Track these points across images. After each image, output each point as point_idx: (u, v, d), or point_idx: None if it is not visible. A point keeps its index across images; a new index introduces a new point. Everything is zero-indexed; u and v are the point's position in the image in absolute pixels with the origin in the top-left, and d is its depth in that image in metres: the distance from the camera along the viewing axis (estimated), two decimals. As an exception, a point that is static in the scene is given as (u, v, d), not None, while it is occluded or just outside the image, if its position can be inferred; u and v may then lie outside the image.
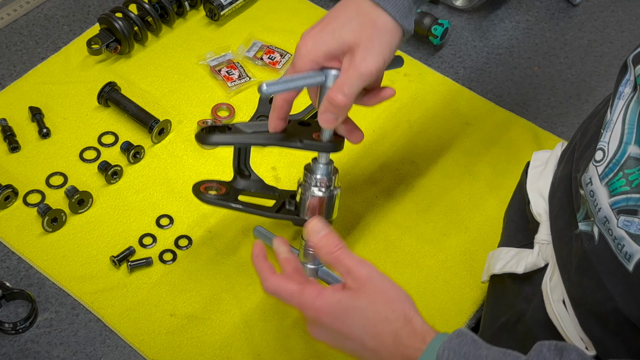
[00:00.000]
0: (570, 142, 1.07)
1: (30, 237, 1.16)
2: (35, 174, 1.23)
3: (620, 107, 0.88)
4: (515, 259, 1.04)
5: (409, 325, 0.84)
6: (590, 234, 0.88)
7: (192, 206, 1.20)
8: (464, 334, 0.81)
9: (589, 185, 0.88)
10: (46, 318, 1.09)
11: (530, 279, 1.02)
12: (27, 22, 1.44)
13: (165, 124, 1.28)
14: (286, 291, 0.90)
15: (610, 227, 0.84)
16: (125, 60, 1.38)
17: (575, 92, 1.41)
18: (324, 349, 1.07)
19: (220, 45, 1.41)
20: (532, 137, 1.33)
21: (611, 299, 0.85)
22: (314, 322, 0.89)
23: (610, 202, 0.84)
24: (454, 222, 1.22)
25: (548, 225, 1.01)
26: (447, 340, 0.80)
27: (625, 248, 0.81)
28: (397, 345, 0.83)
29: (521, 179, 1.15)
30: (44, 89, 1.33)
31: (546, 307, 0.96)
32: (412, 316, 0.85)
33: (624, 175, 0.83)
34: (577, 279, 0.92)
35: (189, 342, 1.07)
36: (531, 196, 1.06)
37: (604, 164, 0.86)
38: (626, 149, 0.84)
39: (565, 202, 0.96)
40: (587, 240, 0.89)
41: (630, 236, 0.81)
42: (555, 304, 0.95)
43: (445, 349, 0.80)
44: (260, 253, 0.95)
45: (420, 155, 1.29)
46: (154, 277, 1.13)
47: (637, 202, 0.81)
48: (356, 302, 0.86)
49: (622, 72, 0.91)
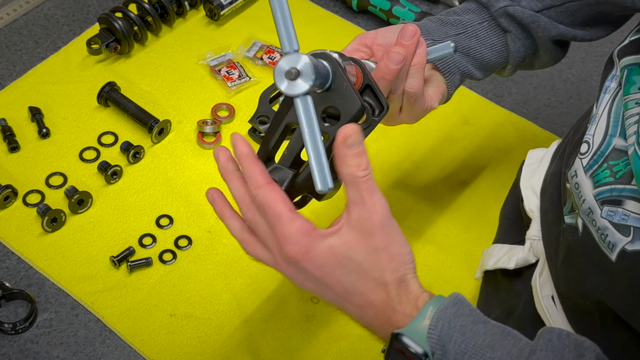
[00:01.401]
0: (563, 140, 1.08)
1: (29, 237, 1.16)
2: (35, 174, 1.23)
3: (605, 101, 0.90)
4: (507, 255, 1.05)
5: (404, 286, 0.76)
6: (574, 226, 0.89)
7: (192, 206, 1.20)
8: (461, 302, 0.75)
9: (574, 177, 0.90)
10: (46, 318, 1.09)
11: (522, 275, 1.04)
12: (26, 22, 1.44)
13: (165, 124, 1.27)
14: (274, 211, 0.74)
15: (594, 218, 0.85)
16: (125, 60, 1.38)
17: (576, 92, 1.41)
18: (324, 349, 1.07)
19: (220, 45, 1.41)
20: (532, 137, 1.33)
21: (596, 291, 0.86)
22: (292, 263, 0.75)
23: (594, 193, 0.85)
24: (454, 222, 1.22)
25: (539, 222, 1.02)
26: (441, 309, 0.73)
27: (609, 238, 0.82)
28: (385, 307, 0.75)
29: (516, 177, 1.16)
30: (44, 88, 1.33)
31: (535, 302, 0.97)
32: (410, 278, 0.76)
33: (608, 166, 0.85)
34: (563, 273, 0.93)
35: (189, 342, 1.07)
36: (524, 193, 1.07)
37: (589, 156, 0.88)
38: (611, 141, 0.86)
39: (555, 198, 0.97)
40: (572, 232, 0.90)
41: (613, 226, 0.82)
42: (544, 299, 0.96)
43: (439, 320, 0.73)
44: (251, 153, 0.78)
45: (420, 155, 1.29)
46: (154, 277, 1.13)
47: (621, 193, 0.82)
48: (352, 253, 0.74)
49: (608, 67, 0.93)
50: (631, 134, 0.81)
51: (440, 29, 0.99)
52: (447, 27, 1.00)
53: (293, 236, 0.74)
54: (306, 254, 0.74)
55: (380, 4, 1.45)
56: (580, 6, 1.01)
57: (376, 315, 0.76)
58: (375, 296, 0.75)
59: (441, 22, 1.00)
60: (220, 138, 1.28)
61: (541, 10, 1.00)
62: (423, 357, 0.72)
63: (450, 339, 0.72)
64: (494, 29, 1.00)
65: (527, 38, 1.01)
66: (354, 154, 0.74)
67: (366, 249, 0.74)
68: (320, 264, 0.74)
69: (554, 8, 1.00)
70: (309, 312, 1.11)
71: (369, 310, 0.76)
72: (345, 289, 0.75)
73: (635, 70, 0.86)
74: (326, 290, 0.76)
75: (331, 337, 1.09)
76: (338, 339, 1.09)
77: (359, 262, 0.74)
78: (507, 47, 1.01)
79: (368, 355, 1.08)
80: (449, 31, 0.99)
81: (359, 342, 1.08)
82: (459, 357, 0.72)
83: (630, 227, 0.80)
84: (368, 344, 1.08)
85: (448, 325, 0.73)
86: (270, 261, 0.79)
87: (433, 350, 0.72)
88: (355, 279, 0.75)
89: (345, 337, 1.09)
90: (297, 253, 0.74)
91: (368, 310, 0.76)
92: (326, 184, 0.70)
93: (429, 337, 0.72)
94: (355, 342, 1.08)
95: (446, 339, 0.72)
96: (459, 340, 0.72)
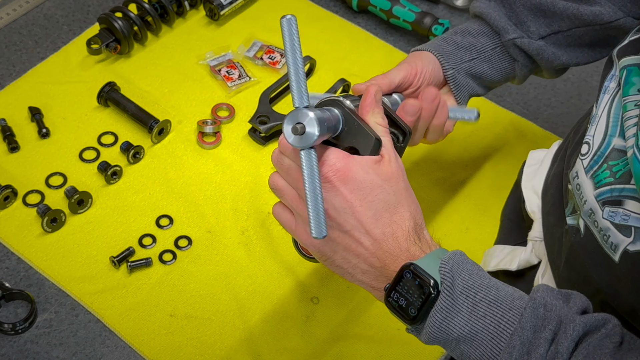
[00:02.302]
0: (564, 141, 1.08)
1: (29, 238, 1.16)
2: (35, 174, 1.22)
3: (605, 102, 0.90)
4: (509, 257, 1.05)
5: (421, 231, 0.81)
6: (576, 227, 0.90)
7: (192, 206, 1.20)
8: (466, 256, 0.80)
9: (575, 179, 0.90)
10: (46, 318, 1.09)
11: (524, 276, 1.04)
12: (26, 22, 1.43)
13: (165, 124, 1.27)
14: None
15: (595, 219, 0.85)
16: (125, 60, 1.38)
17: (576, 92, 1.41)
18: (324, 349, 1.07)
19: (220, 45, 1.41)
20: (533, 137, 1.33)
21: (599, 292, 0.86)
22: (328, 185, 0.79)
23: (595, 193, 0.85)
24: (454, 222, 1.22)
25: (541, 223, 1.02)
26: (452, 254, 0.78)
27: (611, 239, 0.83)
28: (407, 239, 0.79)
29: (517, 177, 1.16)
30: (44, 88, 1.33)
31: None
32: (424, 227, 0.82)
33: (608, 167, 0.85)
34: (565, 274, 0.93)
35: (189, 342, 1.07)
36: (526, 194, 1.07)
37: (589, 157, 0.88)
38: (610, 142, 0.86)
39: (557, 199, 0.98)
40: (574, 234, 0.90)
41: (615, 226, 0.82)
42: None
43: (450, 259, 0.77)
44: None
45: (420, 155, 1.29)
46: (154, 278, 1.13)
47: (621, 193, 0.82)
48: (384, 184, 0.79)
49: (608, 67, 0.94)
50: (630, 136, 0.81)
51: (456, 53, 1.07)
52: (462, 51, 1.07)
53: (333, 158, 0.79)
54: (345, 171, 0.78)
55: (380, 4, 1.45)
56: (587, 31, 1.05)
57: (395, 247, 0.79)
58: (399, 228, 0.79)
59: (457, 46, 1.07)
60: (220, 138, 1.28)
61: (548, 35, 1.06)
62: (433, 287, 0.76)
63: (459, 275, 0.76)
64: (505, 55, 1.09)
65: (532, 64, 1.09)
66: (379, 111, 0.84)
67: (395, 185, 0.80)
68: (356, 183, 0.78)
69: (561, 33, 1.07)
70: (309, 312, 1.11)
71: (390, 242, 0.79)
72: (370, 216, 0.79)
73: (634, 71, 0.86)
74: (349, 218, 0.79)
75: (331, 337, 1.09)
76: (338, 339, 1.09)
77: (389, 192, 0.79)
78: (515, 71, 1.10)
79: (368, 355, 1.08)
80: (464, 56, 1.07)
81: (359, 342, 1.08)
82: (465, 291, 0.76)
83: (631, 228, 0.80)
84: (368, 344, 1.08)
85: (458, 265, 0.77)
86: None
87: (443, 280, 0.76)
88: (382, 207, 0.79)
89: (345, 337, 1.09)
90: (337, 172, 0.78)
91: (388, 241, 0.79)
92: (321, 231, 0.75)
93: (442, 268, 0.76)
94: (355, 342, 1.08)
95: (455, 274, 0.76)
96: (466, 278, 0.77)
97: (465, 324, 0.75)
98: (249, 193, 1.22)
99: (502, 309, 0.75)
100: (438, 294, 0.75)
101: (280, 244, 1.17)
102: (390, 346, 1.08)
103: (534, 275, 1.01)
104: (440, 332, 0.76)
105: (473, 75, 1.08)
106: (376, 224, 0.79)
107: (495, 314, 0.75)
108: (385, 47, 1.44)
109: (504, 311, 0.75)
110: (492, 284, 0.77)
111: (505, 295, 0.76)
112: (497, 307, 0.75)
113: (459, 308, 0.75)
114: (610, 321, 0.75)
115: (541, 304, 0.74)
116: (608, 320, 0.75)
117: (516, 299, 0.76)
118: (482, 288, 0.76)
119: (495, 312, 0.75)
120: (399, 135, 0.90)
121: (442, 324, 0.75)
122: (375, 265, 0.80)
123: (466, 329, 0.75)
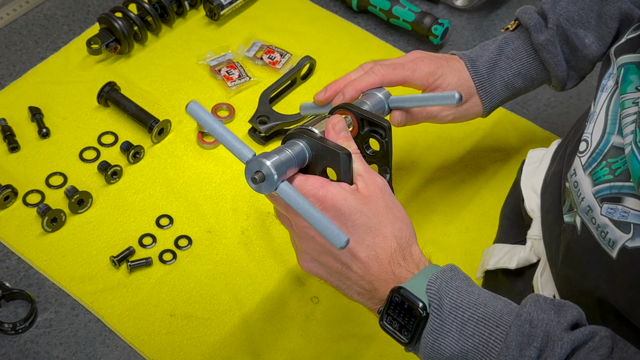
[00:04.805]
0: (564, 139, 1.08)
1: (29, 237, 1.16)
2: (35, 174, 1.23)
3: (603, 99, 0.90)
4: (509, 255, 1.05)
5: (408, 248, 0.82)
6: (573, 225, 0.90)
7: (192, 206, 1.20)
8: (457, 270, 0.81)
9: (573, 176, 0.90)
10: (46, 318, 1.09)
11: (523, 275, 1.04)
12: (26, 22, 1.43)
13: (165, 124, 1.27)
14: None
15: (593, 216, 0.85)
16: (125, 60, 1.38)
17: (576, 92, 1.41)
18: (324, 349, 1.07)
19: (220, 45, 1.41)
20: (532, 137, 1.33)
21: (597, 289, 0.87)
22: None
23: (593, 190, 0.86)
24: (454, 222, 1.22)
25: (540, 221, 1.02)
26: (440, 271, 0.79)
27: (609, 235, 0.83)
28: (391, 262, 0.81)
29: (517, 176, 1.16)
30: (44, 88, 1.33)
31: None
32: (412, 243, 0.83)
33: (607, 164, 0.85)
34: (563, 272, 0.93)
35: (189, 342, 1.07)
36: (525, 193, 1.08)
37: (587, 154, 0.88)
38: (609, 139, 0.86)
39: (556, 198, 0.98)
40: (570, 231, 0.91)
41: (614, 223, 0.83)
42: None
43: (437, 278, 0.78)
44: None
45: (420, 155, 1.29)
46: (154, 277, 1.13)
47: (620, 190, 0.82)
48: (363, 207, 0.81)
49: (605, 65, 0.94)
50: (628, 133, 0.81)
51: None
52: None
53: (311, 188, 0.81)
54: (324, 200, 0.81)
55: (380, 4, 1.45)
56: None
57: (380, 271, 0.81)
58: (382, 250, 0.81)
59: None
60: (220, 138, 1.28)
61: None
62: (422, 309, 0.77)
63: (446, 295, 0.78)
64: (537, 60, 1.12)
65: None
66: (343, 138, 0.85)
67: (373, 207, 0.81)
68: (336, 209, 0.80)
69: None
70: (309, 312, 1.11)
71: (374, 265, 0.81)
72: (357, 239, 0.81)
73: (632, 69, 0.86)
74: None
75: (331, 337, 1.09)
76: (338, 339, 1.09)
77: (369, 216, 0.81)
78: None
79: (368, 355, 1.08)
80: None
81: (358, 342, 1.08)
82: (454, 310, 0.77)
83: (630, 224, 0.81)
84: (368, 344, 1.08)
85: (445, 283, 0.78)
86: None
87: (430, 301, 0.77)
88: (364, 231, 0.81)
89: (345, 337, 1.09)
90: (318, 200, 0.81)
91: (373, 265, 0.81)
92: (340, 240, 0.76)
93: (428, 290, 0.78)
94: (355, 342, 1.08)
95: (443, 294, 0.78)
96: (454, 296, 0.78)
97: (455, 344, 0.77)
98: (249, 193, 1.22)
99: (489, 327, 0.76)
100: (427, 316, 0.77)
101: (280, 244, 1.17)
102: (390, 346, 1.08)
103: (533, 273, 1.01)
104: (434, 352, 0.78)
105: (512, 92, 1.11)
106: (360, 248, 0.81)
107: (483, 332, 0.76)
108: (385, 47, 1.44)
109: (491, 329, 0.76)
110: (480, 300, 0.78)
111: (494, 311, 0.77)
112: (484, 325, 0.76)
113: (448, 328, 0.77)
114: (598, 333, 0.75)
115: (527, 320, 0.75)
116: (595, 332, 0.75)
117: (504, 315, 0.77)
118: (470, 306, 0.77)
119: (482, 331, 0.76)
120: (379, 131, 0.92)
121: (434, 345, 0.77)
122: (367, 288, 0.82)
123: (457, 348, 0.77)
